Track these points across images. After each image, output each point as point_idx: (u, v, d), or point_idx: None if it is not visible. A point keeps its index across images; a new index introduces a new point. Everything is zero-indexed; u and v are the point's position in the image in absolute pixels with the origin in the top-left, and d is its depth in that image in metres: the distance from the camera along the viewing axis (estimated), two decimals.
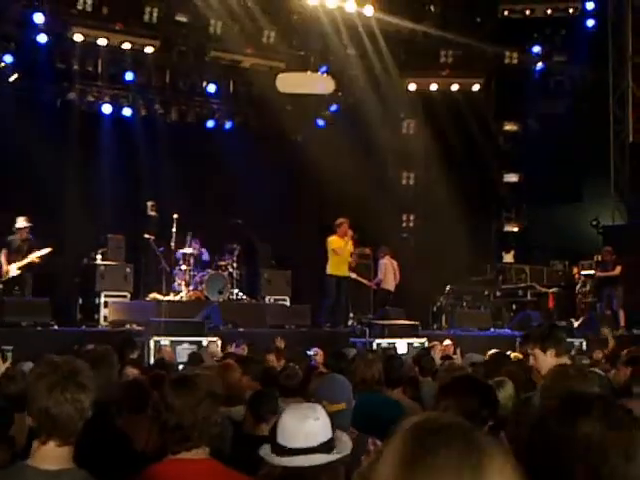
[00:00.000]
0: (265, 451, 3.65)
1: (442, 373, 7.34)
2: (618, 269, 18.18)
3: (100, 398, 4.69)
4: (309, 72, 20.43)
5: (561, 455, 2.12)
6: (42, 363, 3.22)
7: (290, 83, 19.91)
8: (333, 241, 16.69)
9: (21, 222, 15.53)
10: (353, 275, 18.29)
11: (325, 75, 20.61)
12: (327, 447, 3.50)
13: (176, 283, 17.31)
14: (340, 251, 16.65)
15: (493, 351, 11.17)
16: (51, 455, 3.11)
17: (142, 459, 4.04)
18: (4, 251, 15.47)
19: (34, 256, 15.58)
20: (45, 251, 15.80)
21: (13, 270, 15.39)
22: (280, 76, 19.82)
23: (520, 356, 9.79)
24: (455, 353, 12.87)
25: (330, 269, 16.80)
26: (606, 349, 11.70)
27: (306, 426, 3.55)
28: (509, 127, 22.46)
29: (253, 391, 6.19)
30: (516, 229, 22.57)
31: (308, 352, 12.20)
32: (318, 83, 20.50)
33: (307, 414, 3.61)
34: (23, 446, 4.44)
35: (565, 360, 5.40)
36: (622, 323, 18.05)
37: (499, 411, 5.34)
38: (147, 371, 7.93)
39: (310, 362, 10.55)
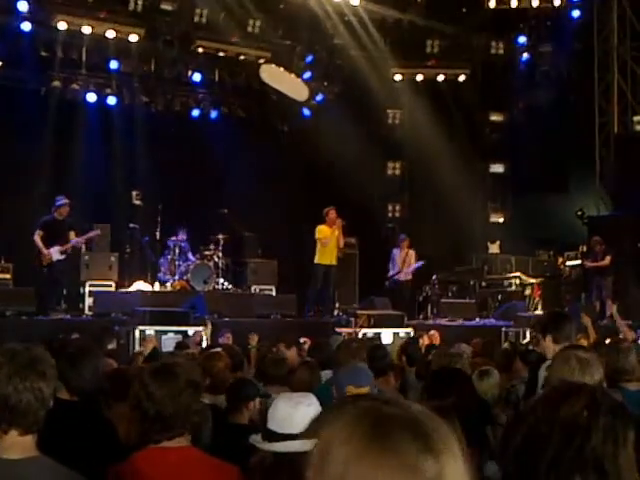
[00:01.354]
0: (256, 438, 3.64)
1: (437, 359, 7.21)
2: (608, 259, 18.24)
3: (86, 388, 4.70)
4: (293, 75, 20.48)
5: (544, 436, 2.12)
6: (1, 352, 3.15)
7: (272, 76, 20.01)
8: (320, 230, 16.71)
9: (59, 200, 14.99)
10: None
11: (302, 82, 20.64)
12: None
13: (161, 273, 17.28)
14: (326, 240, 16.65)
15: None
16: (14, 444, 3.05)
17: (127, 449, 4.03)
18: (39, 233, 14.73)
19: (82, 239, 15.30)
20: (93, 234, 15.59)
21: (55, 254, 14.78)
22: (265, 66, 19.85)
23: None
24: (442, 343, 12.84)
25: (317, 258, 16.82)
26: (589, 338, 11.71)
27: (298, 412, 3.55)
28: (495, 117, 22.47)
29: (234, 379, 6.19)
30: (502, 219, 22.61)
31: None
32: (295, 88, 20.60)
33: (300, 400, 3.61)
34: None
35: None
36: (609, 313, 18.10)
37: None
38: (146, 361, 7.93)
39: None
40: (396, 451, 1.40)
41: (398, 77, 21.86)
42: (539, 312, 17.71)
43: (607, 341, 7.91)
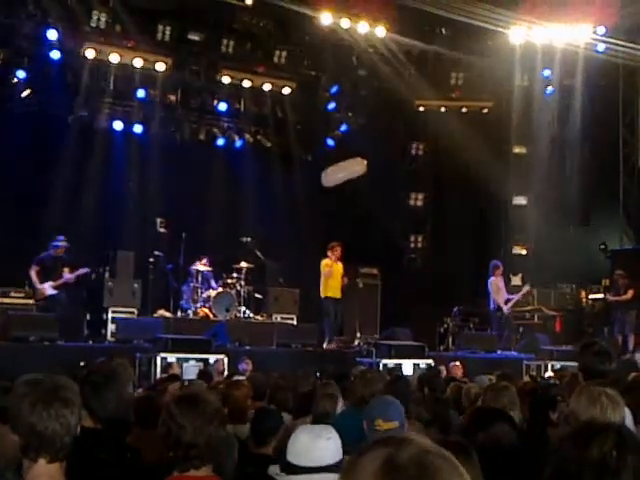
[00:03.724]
0: (275, 470, 3.65)
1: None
2: (630, 293, 18.07)
3: (110, 416, 4.71)
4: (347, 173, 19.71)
5: (573, 476, 2.12)
6: (24, 382, 3.17)
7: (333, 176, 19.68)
8: (324, 265, 16.72)
9: (59, 240, 15.66)
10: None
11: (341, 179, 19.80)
12: (338, 468, 3.48)
13: (184, 300, 17.33)
14: (330, 274, 16.64)
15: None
16: (43, 473, 3.06)
17: (152, 475, 4.03)
18: (35, 268, 15.48)
19: (72, 276, 15.64)
20: (83, 271, 15.89)
21: (49, 289, 15.46)
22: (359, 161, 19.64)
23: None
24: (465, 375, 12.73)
25: (325, 292, 16.77)
26: None
27: (318, 445, 3.55)
28: (518, 150, 22.43)
29: (256, 409, 6.18)
30: (524, 252, 22.50)
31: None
32: (334, 177, 20.02)
33: (319, 434, 3.61)
34: None
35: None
36: (631, 347, 17.96)
37: None
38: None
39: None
40: None
41: (422, 108, 21.91)
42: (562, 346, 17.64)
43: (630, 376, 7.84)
